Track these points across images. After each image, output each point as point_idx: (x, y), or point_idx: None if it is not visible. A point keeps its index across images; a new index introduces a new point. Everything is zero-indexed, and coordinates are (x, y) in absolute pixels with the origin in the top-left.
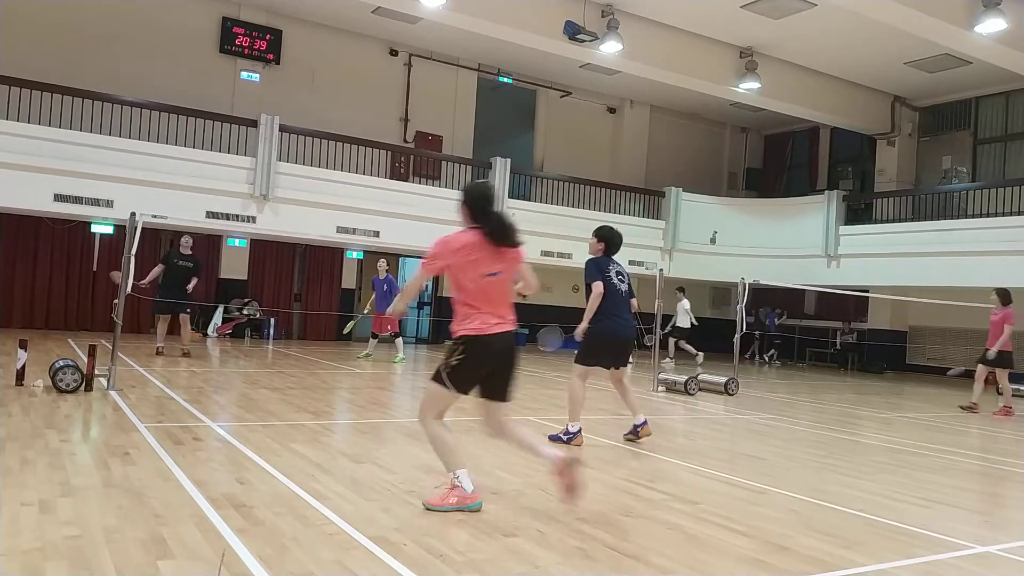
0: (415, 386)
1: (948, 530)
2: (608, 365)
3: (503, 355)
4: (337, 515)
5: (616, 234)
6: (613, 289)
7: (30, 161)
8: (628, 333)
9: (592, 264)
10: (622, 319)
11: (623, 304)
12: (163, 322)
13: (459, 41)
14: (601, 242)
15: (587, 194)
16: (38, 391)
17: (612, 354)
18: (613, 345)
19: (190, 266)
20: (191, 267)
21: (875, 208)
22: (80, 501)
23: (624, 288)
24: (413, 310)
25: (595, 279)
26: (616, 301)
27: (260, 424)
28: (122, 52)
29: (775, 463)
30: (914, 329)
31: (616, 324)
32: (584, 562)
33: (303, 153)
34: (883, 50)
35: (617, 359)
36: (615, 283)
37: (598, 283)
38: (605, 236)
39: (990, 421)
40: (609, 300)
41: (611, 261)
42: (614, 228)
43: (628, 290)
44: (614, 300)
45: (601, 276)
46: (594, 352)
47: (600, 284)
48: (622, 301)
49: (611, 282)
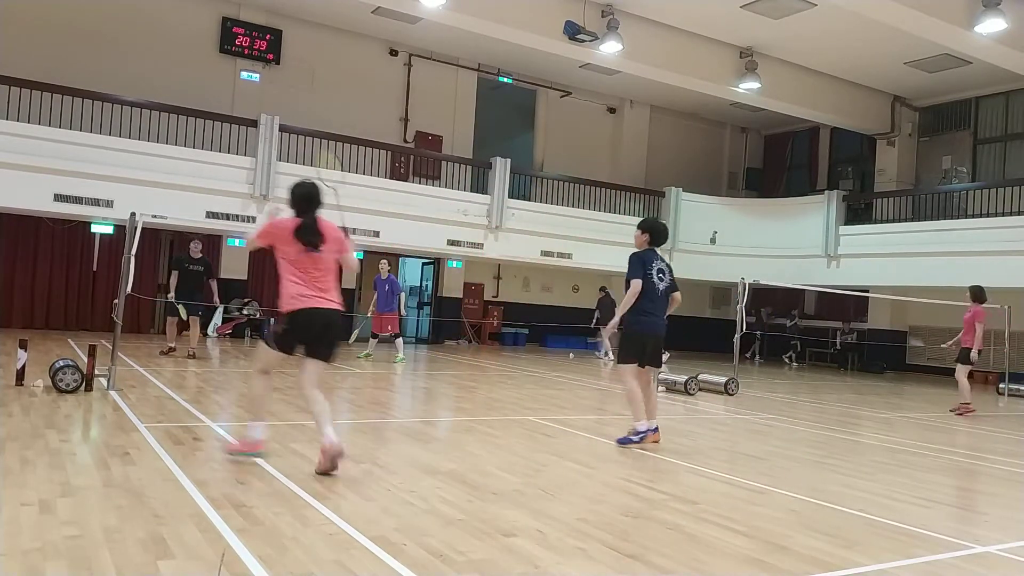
0: (415, 386)
1: (948, 530)
2: (643, 363)
3: (323, 327)
4: (337, 515)
5: (661, 225)
6: (651, 287)
7: (30, 161)
8: (660, 331)
9: (636, 259)
10: (656, 317)
11: (660, 302)
12: (172, 324)
13: (459, 41)
14: (646, 234)
15: (587, 194)
16: (38, 391)
17: (647, 352)
18: (647, 342)
19: (201, 269)
20: (202, 270)
21: (875, 208)
22: (80, 501)
23: (663, 286)
24: (413, 310)
25: (636, 276)
26: (652, 298)
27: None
28: (122, 52)
29: (775, 463)
30: (914, 329)
31: (650, 321)
32: (584, 562)
33: (303, 153)
34: (883, 50)
35: (651, 358)
36: (654, 281)
37: (637, 280)
38: (651, 227)
39: (989, 421)
40: (645, 297)
41: (655, 256)
42: (661, 221)
43: (668, 287)
44: (651, 297)
45: (643, 272)
46: (631, 350)
47: (639, 282)
48: (659, 299)
49: (651, 280)
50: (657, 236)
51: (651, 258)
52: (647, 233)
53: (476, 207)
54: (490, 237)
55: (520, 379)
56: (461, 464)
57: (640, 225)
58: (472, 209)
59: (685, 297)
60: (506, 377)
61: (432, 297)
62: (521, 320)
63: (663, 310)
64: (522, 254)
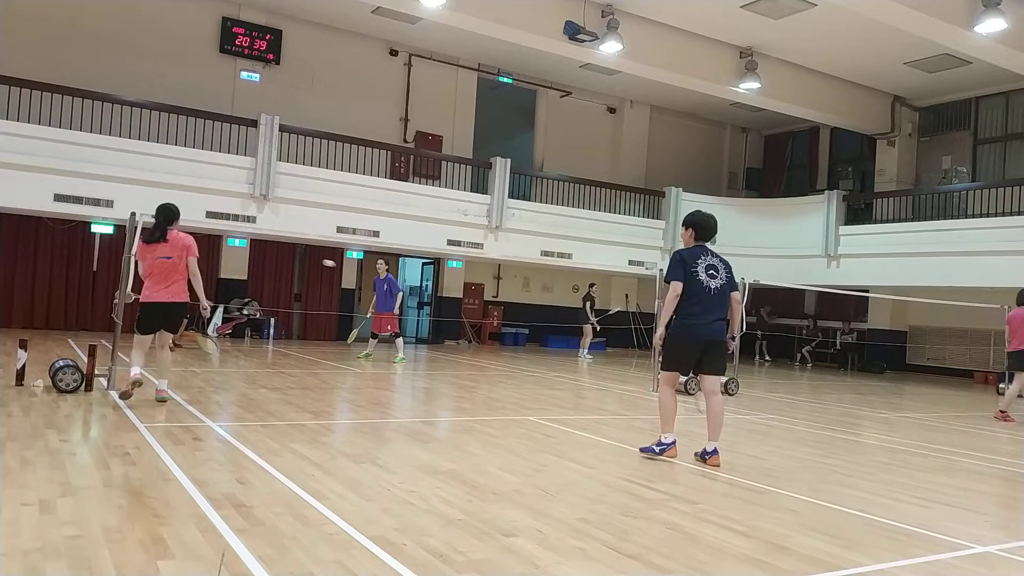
0: (415, 386)
1: (948, 530)
2: (691, 371)
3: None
4: (337, 515)
5: (708, 218)
6: (698, 287)
7: (30, 161)
8: (709, 334)
9: (676, 258)
10: (704, 319)
11: (710, 302)
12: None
13: (459, 41)
14: (690, 229)
15: (587, 194)
16: (38, 391)
17: (693, 358)
18: (693, 348)
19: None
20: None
21: (875, 208)
22: (80, 501)
23: (715, 285)
24: (412, 310)
25: (674, 277)
26: (700, 299)
27: (260, 424)
28: (122, 52)
29: (775, 463)
30: (914, 329)
31: (696, 325)
32: (584, 562)
33: (303, 153)
34: (883, 50)
35: (703, 364)
36: (702, 279)
37: (676, 283)
38: (694, 222)
39: (988, 421)
40: (691, 299)
41: (703, 252)
42: (707, 213)
43: (724, 285)
44: (697, 298)
45: (684, 273)
46: (674, 357)
47: (679, 284)
48: (709, 299)
49: (697, 279)
50: (703, 231)
51: (696, 255)
52: (691, 228)
53: (476, 207)
54: (490, 237)
55: (520, 379)
56: (461, 464)
57: (684, 221)
58: (472, 209)
59: None
60: (506, 377)
61: (432, 297)
62: (521, 320)
63: (716, 312)
64: (522, 254)
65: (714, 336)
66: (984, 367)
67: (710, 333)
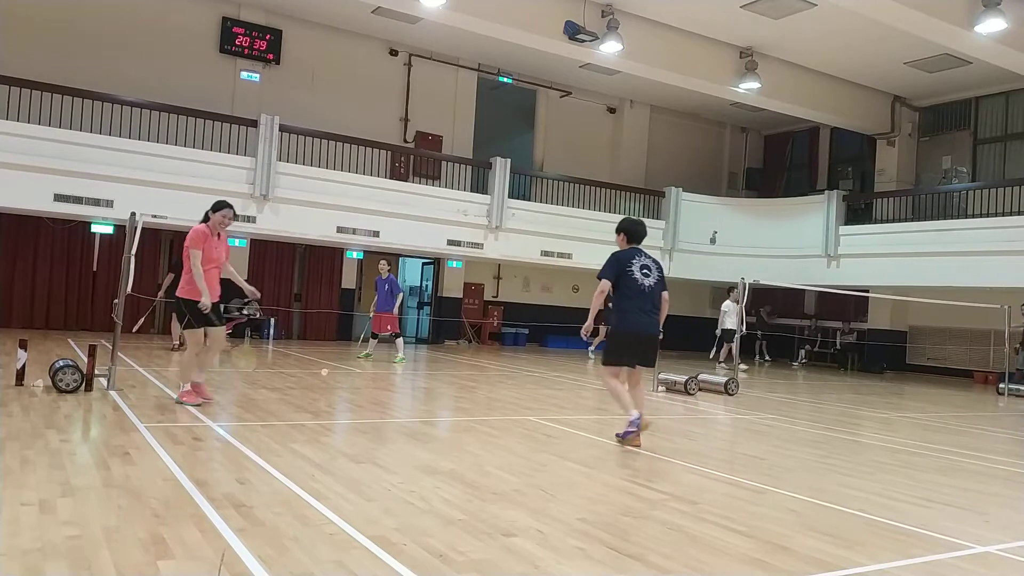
0: (415, 386)
1: (948, 530)
2: (633, 363)
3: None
4: (337, 515)
5: (638, 223)
6: (634, 284)
7: (30, 161)
8: (649, 330)
9: (612, 259)
10: (644, 315)
11: (644, 298)
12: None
13: (459, 41)
14: (622, 234)
15: (587, 194)
16: (38, 391)
17: (636, 352)
18: (635, 342)
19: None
20: None
21: (875, 208)
22: (80, 501)
23: (649, 283)
24: (412, 310)
25: (604, 275)
26: (635, 296)
27: (260, 424)
28: (122, 52)
29: (775, 463)
30: (914, 329)
31: (637, 320)
32: (584, 562)
33: (303, 153)
34: (883, 50)
35: (643, 357)
36: (637, 278)
37: (606, 281)
38: (626, 228)
39: (988, 421)
40: (628, 295)
41: (636, 254)
42: (636, 219)
43: (657, 284)
44: (633, 295)
45: (618, 271)
46: (617, 351)
47: (606, 282)
48: (643, 295)
49: (632, 277)
50: (634, 235)
51: (631, 256)
52: (623, 233)
53: (476, 207)
54: (490, 237)
55: (520, 379)
56: (461, 464)
57: (617, 228)
58: (472, 209)
59: (685, 297)
60: (506, 377)
61: (432, 297)
62: (521, 320)
63: (650, 307)
64: (522, 254)
65: (650, 330)
66: (984, 367)
67: (646, 327)
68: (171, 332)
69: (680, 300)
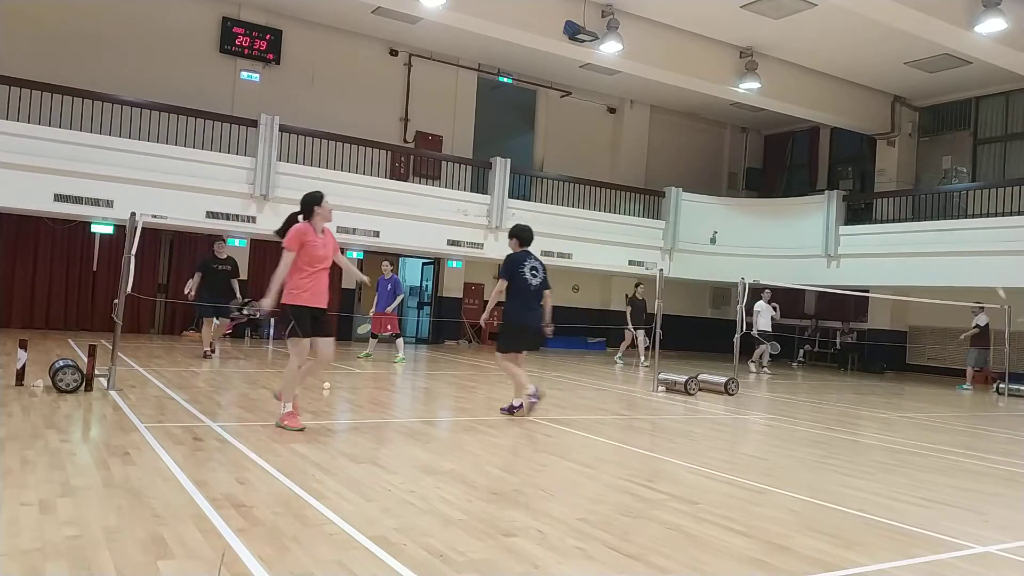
0: (415, 386)
1: (948, 530)
2: (522, 350)
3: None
4: (337, 515)
5: (526, 229)
6: (524, 284)
7: (30, 161)
8: (533, 321)
9: (508, 261)
10: (532, 310)
11: (531, 296)
12: (208, 324)
13: (459, 41)
14: (514, 238)
15: (587, 194)
16: (38, 391)
17: (525, 341)
18: (525, 333)
19: (228, 268)
20: (229, 269)
21: (875, 208)
22: (80, 501)
23: (536, 282)
24: (412, 310)
25: (503, 275)
26: (526, 295)
27: (260, 424)
28: (122, 52)
29: (775, 463)
30: (914, 329)
31: (527, 315)
32: (584, 562)
33: (303, 153)
34: (883, 50)
35: (530, 344)
36: (527, 278)
37: (503, 280)
38: (518, 233)
39: (988, 421)
40: (519, 293)
41: (527, 257)
42: (525, 225)
43: (541, 284)
44: (523, 292)
45: (512, 272)
46: (510, 340)
47: (503, 281)
48: (531, 293)
49: (523, 277)
50: (525, 240)
51: (523, 259)
52: (515, 238)
53: (476, 207)
54: (490, 237)
55: None
56: (461, 464)
57: (509, 233)
58: (472, 209)
59: (685, 297)
60: (506, 377)
61: (432, 297)
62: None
63: (536, 303)
64: None
65: (536, 323)
66: (984, 367)
67: (533, 320)
68: (201, 337)
69: (680, 300)
